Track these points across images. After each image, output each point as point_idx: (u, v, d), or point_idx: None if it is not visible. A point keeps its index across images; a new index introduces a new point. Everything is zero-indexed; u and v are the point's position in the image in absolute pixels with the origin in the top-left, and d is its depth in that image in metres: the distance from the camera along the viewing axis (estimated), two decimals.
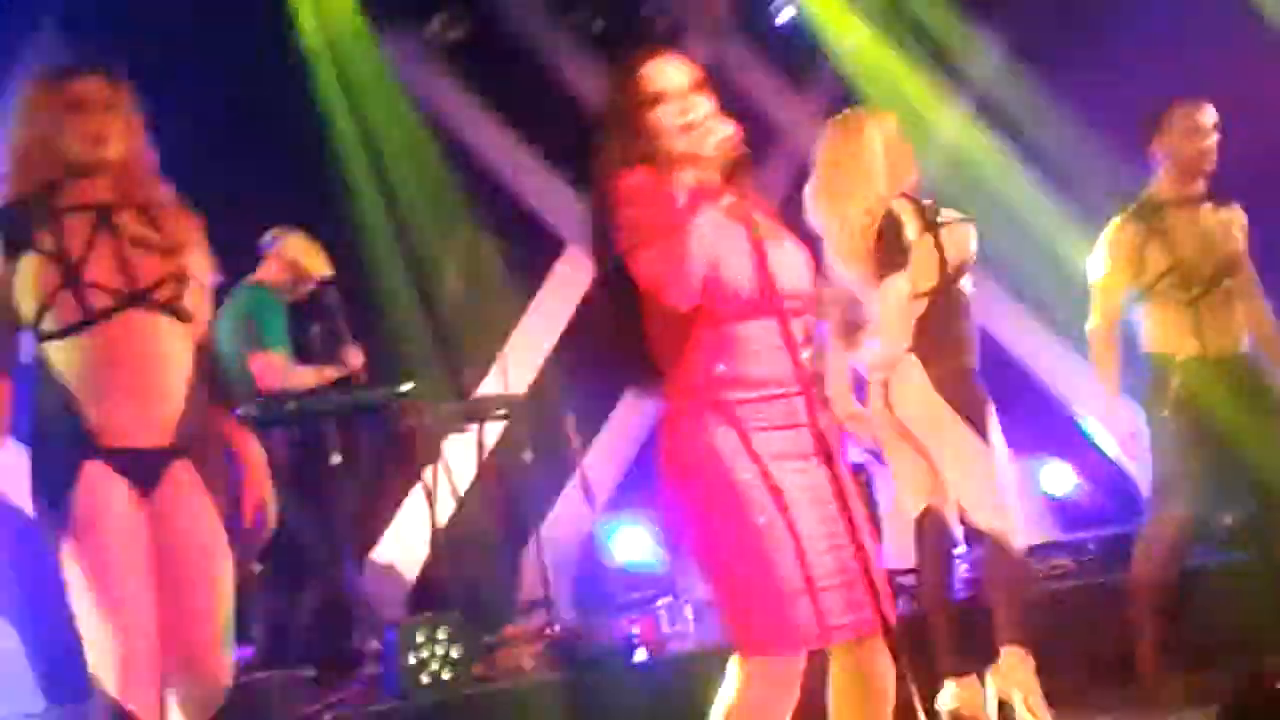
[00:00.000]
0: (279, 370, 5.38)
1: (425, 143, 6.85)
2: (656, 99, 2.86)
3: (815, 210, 4.39)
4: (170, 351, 3.16)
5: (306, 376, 5.49)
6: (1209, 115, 4.74)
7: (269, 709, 4.51)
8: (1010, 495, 4.26)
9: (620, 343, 2.91)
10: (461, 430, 6.02)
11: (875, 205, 4.28)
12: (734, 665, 2.82)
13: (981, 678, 4.23)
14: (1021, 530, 4.27)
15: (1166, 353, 4.70)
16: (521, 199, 7.42)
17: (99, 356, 3.09)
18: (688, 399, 2.84)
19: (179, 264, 3.19)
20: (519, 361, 6.79)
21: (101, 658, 3.03)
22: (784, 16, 7.70)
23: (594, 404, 6.76)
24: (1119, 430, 4.79)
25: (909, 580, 4.90)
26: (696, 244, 2.74)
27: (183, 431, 3.15)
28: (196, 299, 3.23)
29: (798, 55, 7.65)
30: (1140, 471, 5.23)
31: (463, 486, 6.20)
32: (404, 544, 6.56)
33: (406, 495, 6.57)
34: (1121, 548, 5.01)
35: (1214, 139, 4.73)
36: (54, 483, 3.07)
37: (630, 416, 7.08)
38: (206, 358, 3.29)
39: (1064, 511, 7.17)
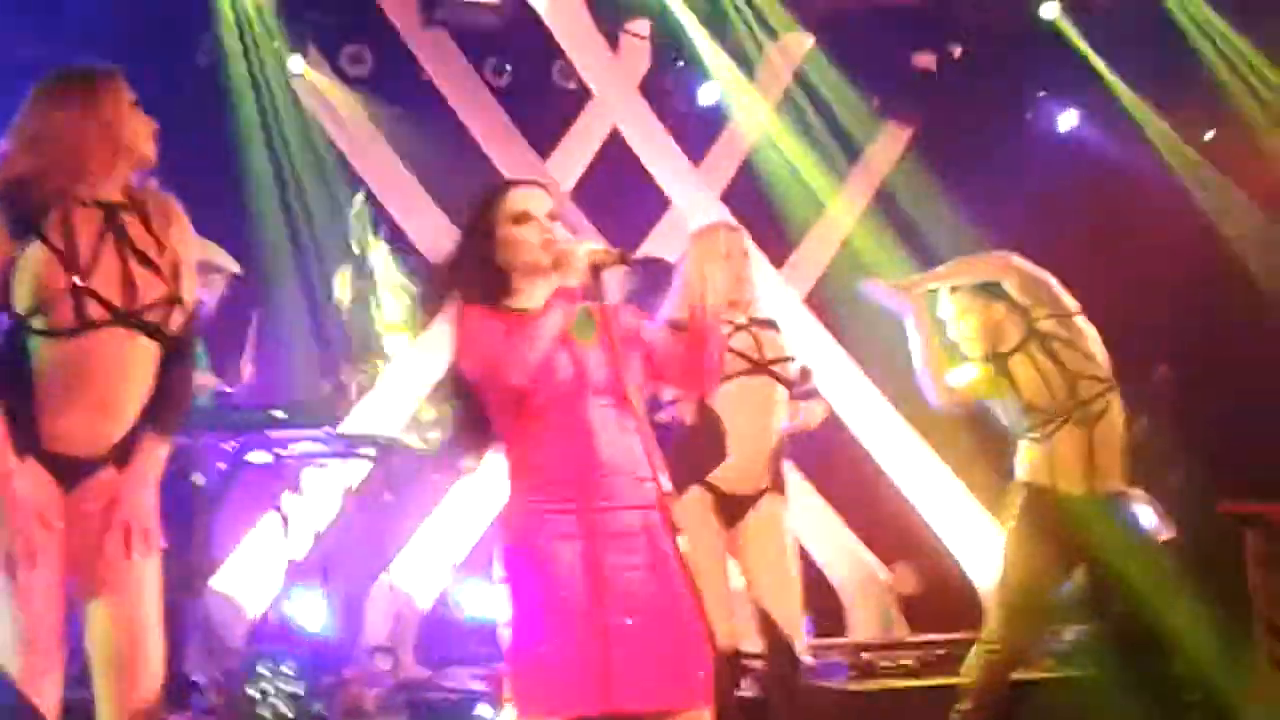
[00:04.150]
0: None
1: (332, 170, 6.87)
2: (519, 218, 3.19)
3: None
4: (137, 371, 3.14)
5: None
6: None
7: None
8: (798, 603, 4.37)
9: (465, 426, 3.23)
10: (327, 463, 5.95)
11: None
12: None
13: None
14: (803, 639, 4.39)
15: (1020, 480, 4.85)
16: (412, 241, 7.39)
17: (71, 365, 3.07)
18: (513, 479, 3.15)
19: (176, 288, 3.17)
20: (391, 403, 6.74)
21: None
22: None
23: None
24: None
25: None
26: (530, 332, 3.08)
27: (122, 446, 3.14)
28: (179, 321, 3.20)
29: (705, 137, 7.78)
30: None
31: (318, 521, 6.10)
32: (249, 573, 6.41)
33: (255, 523, 6.44)
34: (963, 651, 5.12)
35: None
36: None
37: (494, 473, 7.03)
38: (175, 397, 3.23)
39: (914, 612, 7.30)
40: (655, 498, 3.06)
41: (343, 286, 5.98)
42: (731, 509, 4.37)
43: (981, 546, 6.90)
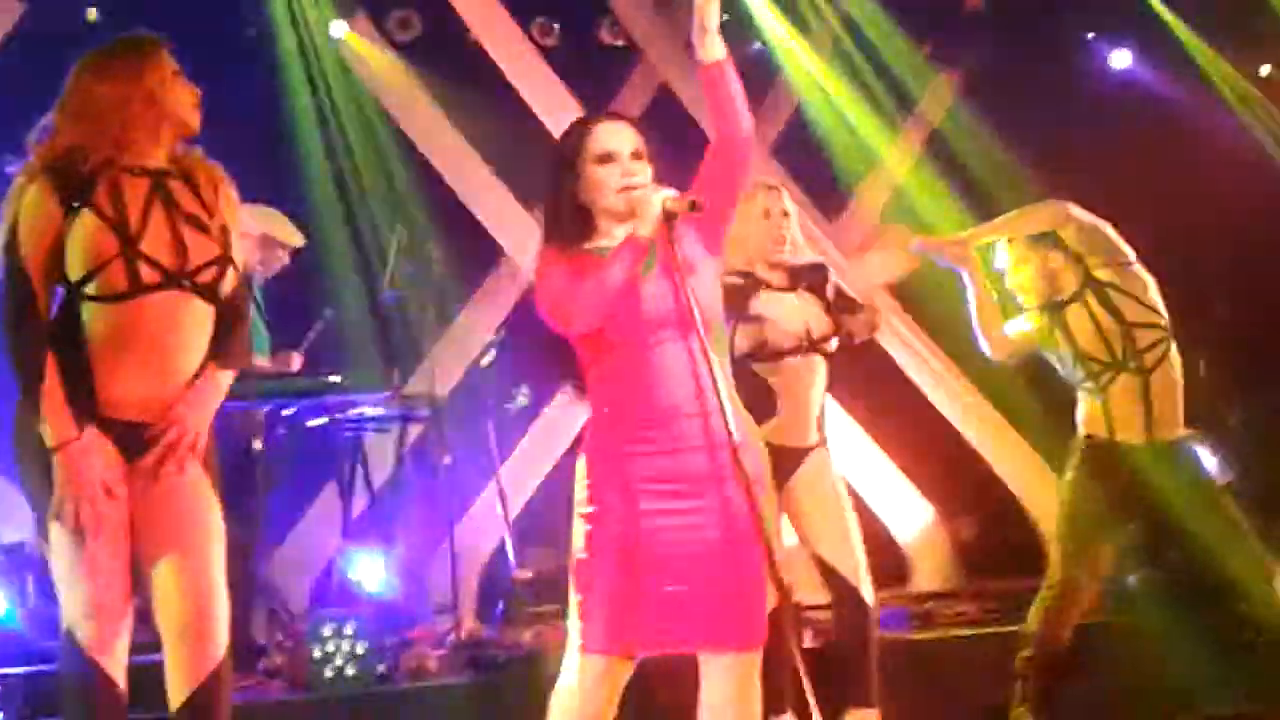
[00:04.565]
0: None
1: (383, 136, 6.91)
2: (603, 158, 3.18)
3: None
4: (191, 333, 3.20)
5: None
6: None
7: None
8: (860, 550, 4.39)
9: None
10: (384, 427, 6.00)
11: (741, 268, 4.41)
12: (568, 657, 3.13)
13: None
14: (869, 585, 4.39)
15: (1081, 432, 4.83)
16: (463, 203, 7.41)
17: (128, 329, 3.13)
18: (591, 418, 3.20)
19: (226, 250, 3.24)
20: (446, 365, 6.79)
21: (76, 614, 3.09)
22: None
23: (515, 415, 6.81)
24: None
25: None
26: (598, 277, 3.08)
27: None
28: (231, 283, 3.26)
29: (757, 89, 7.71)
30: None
31: (378, 483, 6.16)
32: (314, 537, 6.50)
33: (320, 488, 6.52)
34: (1025, 599, 5.10)
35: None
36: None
37: (548, 432, 7.11)
38: (236, 339, 3.30)
39: (976, 561, 7.28)
40: (725, 438, 3.07)
41: None
42: (781, 465, 4.37)
43: (1043, 495, 6.86)
